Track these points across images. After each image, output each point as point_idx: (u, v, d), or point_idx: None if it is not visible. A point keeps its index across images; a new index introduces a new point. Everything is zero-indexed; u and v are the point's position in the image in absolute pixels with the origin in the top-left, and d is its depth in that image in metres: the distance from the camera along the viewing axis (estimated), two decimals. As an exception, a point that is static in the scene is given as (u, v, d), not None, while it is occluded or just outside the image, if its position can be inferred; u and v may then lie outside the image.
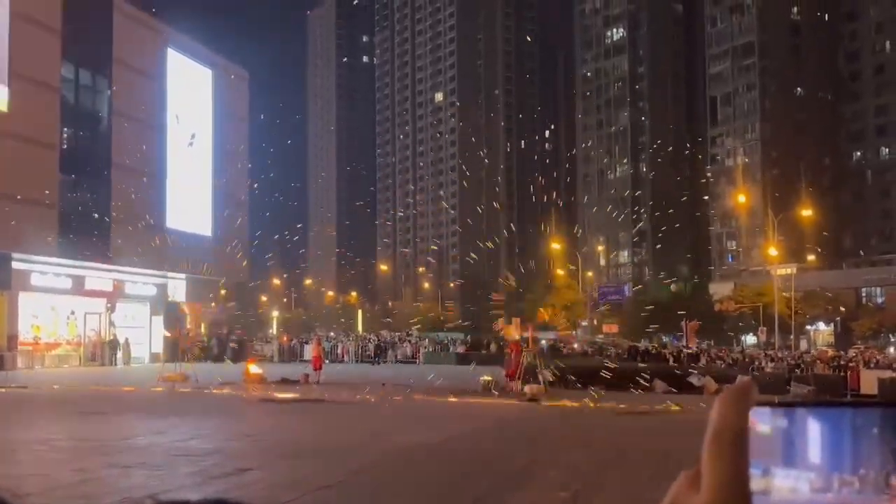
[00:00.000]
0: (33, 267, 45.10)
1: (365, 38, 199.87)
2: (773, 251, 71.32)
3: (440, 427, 19.20)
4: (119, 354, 48.48)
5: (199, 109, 62.80)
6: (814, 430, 0.67)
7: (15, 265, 43.60)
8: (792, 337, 69.70)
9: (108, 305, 49.84)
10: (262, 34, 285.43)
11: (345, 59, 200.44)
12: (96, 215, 50.98)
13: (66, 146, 50.67)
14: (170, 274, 55.56)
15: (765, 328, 67.04)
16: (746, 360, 48.80)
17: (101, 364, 47.13)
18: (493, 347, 55.31)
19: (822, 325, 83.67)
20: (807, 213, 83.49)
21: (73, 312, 48.19)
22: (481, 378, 30.54)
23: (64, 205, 48.62)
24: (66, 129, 51.58)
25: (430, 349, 60.06)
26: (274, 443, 16.20)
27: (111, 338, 48.89)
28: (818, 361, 42.32)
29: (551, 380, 30.87)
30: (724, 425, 0.70)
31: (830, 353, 49.01)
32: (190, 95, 61.46)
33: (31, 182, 44.23)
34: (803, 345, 69.43)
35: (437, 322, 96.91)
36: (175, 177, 58.72)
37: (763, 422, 0.69)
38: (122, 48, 53.67)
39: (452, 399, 26.69)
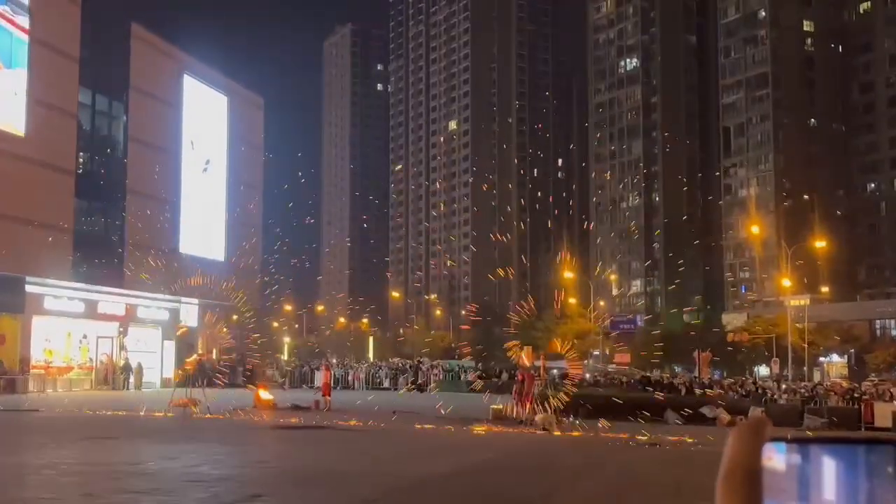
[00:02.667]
0: (47, 290, 45.20)
1: (380, 67, 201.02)
2: (786, 282, 71.01)
3: (450, 456, 19.12)
4: (131, 379, 48.42)
5: (214, 135, 63.26)
6: (829, 467, 0.66)
7: (29, 288, 43.70)
8: (805, 369, 69.21)
9: (121, 329, 49.90)
10: (278, 62, 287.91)
11: (359, 87, 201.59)
12: (111, 240, 51.31)
13: (82, 171, 51.05)
14: (182, 299, 55.66)
15: (778, 359, 66.63)
16: (759, 391, 48.46)
17: (113, 388, 47.13)
18: (504, 376, 55.06)
19: (835, 357, 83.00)
20: (820, 244, 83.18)
21: (85, 336, 48.25)
22: (492, 407, 30.42)
23: (79, 229, 48.94)
24: (82, 154, 52.01)
25: (441, 377, 59.87)
26: (284, 469, 16.16)
27: (123, 362, 48.84)
28: (832, 394, 41.93)
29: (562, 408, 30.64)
30: (737, 461, 0.69)
31: (844, 385, 48.63)
32: (205, 121, 61.94)
33: (46, 206, 44.55)
34: (817, 377, 68.86)
35: (449, 350, 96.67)
36: (189, 202, 59.06)
37: (777, 458, 0.68)
38: (138, 74, 54.19)
39: (462, 428, 26.58)
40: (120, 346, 49.51)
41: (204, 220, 60.73)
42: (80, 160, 51.70)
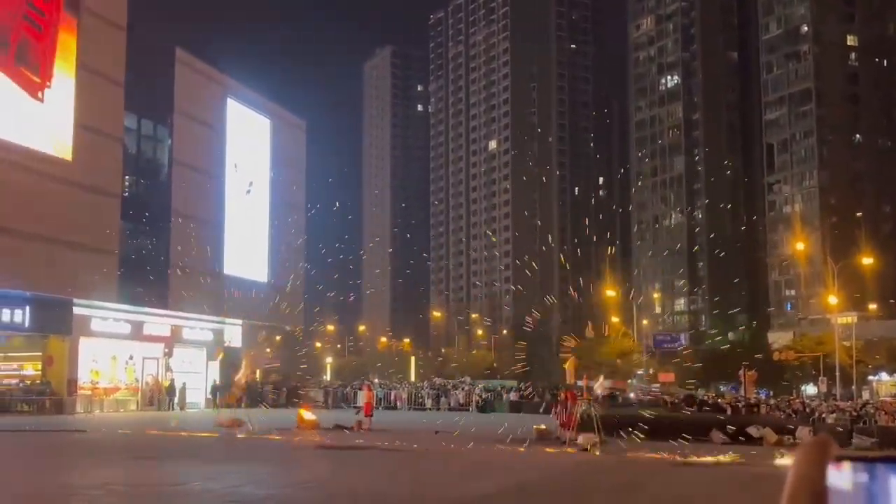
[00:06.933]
0: (94, 312, 45.87)
1: (420, 88, 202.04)
2: (832, 299, 69.95)
3: (492, 476, 19.04)
4: (175, 399, 48.88)
5: (257, 158, 63.85)
6: (895, 487, 0.66)
7: (76, 311, 44.42)
8: (854, 387, 67.97)
9: (166, 350, 50.43)
10: (319, 84, 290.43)
11: (399, 109, 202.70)
12: (156, 262, 51.94)
13: (127, 194, 51.76)
14: (226, 320, 56.19)
15: (825, 378, 65.54)
16: (807, 410, 47.72)
17: (158, 409, 47.59)
18: (546, 396, 54.75)
19: (884, 376, 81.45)
20: (867, 261, 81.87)
21: (131, 357, 48.83)
22: (534, 427, 30.27)
23: (125, 251, 49.57)
24: (128, 177, 52.78)
25: (484, 396, 59.66)
26: (327, 491, 16.19)
27: (168, 382, 49.33)
28: (881, 413, 41.13)
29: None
30: (803, 481, 0.67)
31: (894, 404, 47.68)
32: (248, 144, 62.57)
33: (93, 230, 45.19)
34: (865, 395, 67.57)
35: (491, 369, 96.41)
36: (233, 224, 59.60)
37: (842, 478, 0.66)
38: (183, 98, 54.92)
39: (505, 448, 26.45)
40: (165, 367, 50.05)
41: (247, 242, 61.26)
42: (126, 184, 52.45)
